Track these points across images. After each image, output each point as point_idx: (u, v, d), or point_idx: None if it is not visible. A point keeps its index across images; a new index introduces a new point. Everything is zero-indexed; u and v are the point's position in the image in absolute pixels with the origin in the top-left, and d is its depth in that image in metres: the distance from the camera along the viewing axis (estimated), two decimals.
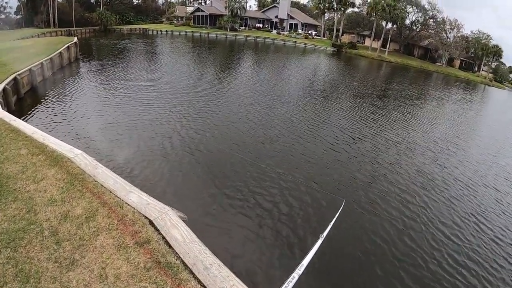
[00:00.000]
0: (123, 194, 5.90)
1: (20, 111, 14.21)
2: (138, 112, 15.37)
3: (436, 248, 8.15)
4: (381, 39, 65.05)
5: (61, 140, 8.09)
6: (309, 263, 4.86)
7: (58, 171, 6.28)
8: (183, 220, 5.51)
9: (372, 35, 67.37)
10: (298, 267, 4.66)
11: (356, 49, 66.56)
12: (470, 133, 21.26)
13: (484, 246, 8.55)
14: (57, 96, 17.15)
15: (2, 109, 10.83)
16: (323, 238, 5.51)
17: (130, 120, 14.22)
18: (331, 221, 6.17)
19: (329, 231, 5.81)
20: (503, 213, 10.61)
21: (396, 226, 8.77)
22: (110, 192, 5.87)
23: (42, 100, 16.19)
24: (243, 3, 75.43)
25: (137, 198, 5.80)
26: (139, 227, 4.93)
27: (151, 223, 5.13)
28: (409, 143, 15.91)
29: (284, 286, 4.26)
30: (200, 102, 18.05)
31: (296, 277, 4.45)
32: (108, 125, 13.42)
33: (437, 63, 69.79)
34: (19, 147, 7.11)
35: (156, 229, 4.98)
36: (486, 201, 11.21)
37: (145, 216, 5.26)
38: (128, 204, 5.55)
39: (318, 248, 5.29)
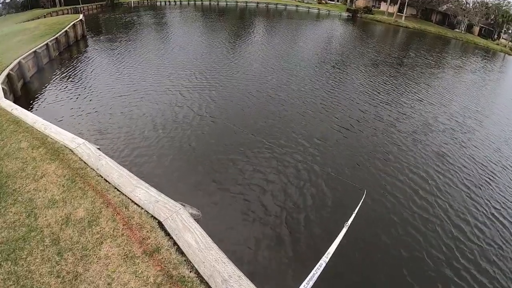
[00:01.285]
0: (128, 190, 5.42)
1: (27, 96, 13.83)
2: (146, 96, 14.68)
3: (458, 239, 7.75)
4: (398, 3, 61.58)
5: (64, 127, 7.61)
6: (335, 251, 4.79)
7: (59, 165, 5.82)
8: (196, 218, 5.02)
9: None
10: (325, 255, 4.62)
11: (372, 14, 63.27)
12: (491, 107, 19.73)
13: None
14: (63, 78, 16.67)
15: (6, 97, 10.34)
16: (347, 227, 5.45)
17: (137, 103, 13.63)
18: (354, 210, 6.09)
19: (353, 220, 5.72)
20: None
21: (407, 211, 8.45)
22: (115, 188, 5.40)
23: (49, 83, 15.74)
24: None
25: (144, 195, 5.30)
26: (147, 232, 4.45)
27: (160, 225, 4.65)
28: (427, 117, 15.07)
29: (311, 273, 4.22)
30: (209, 80, 17.28)
31: (324, 265, 4.42)
32: (115, 108, 12.93)
33: (455, 30, 65.95)
34: (19, 140, 6.67)
35: (167, 233, 4.49)
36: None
37: (153, 217, 4.78)
38: (135, 203, 5.07)
39: (343, 236, 5.21)
